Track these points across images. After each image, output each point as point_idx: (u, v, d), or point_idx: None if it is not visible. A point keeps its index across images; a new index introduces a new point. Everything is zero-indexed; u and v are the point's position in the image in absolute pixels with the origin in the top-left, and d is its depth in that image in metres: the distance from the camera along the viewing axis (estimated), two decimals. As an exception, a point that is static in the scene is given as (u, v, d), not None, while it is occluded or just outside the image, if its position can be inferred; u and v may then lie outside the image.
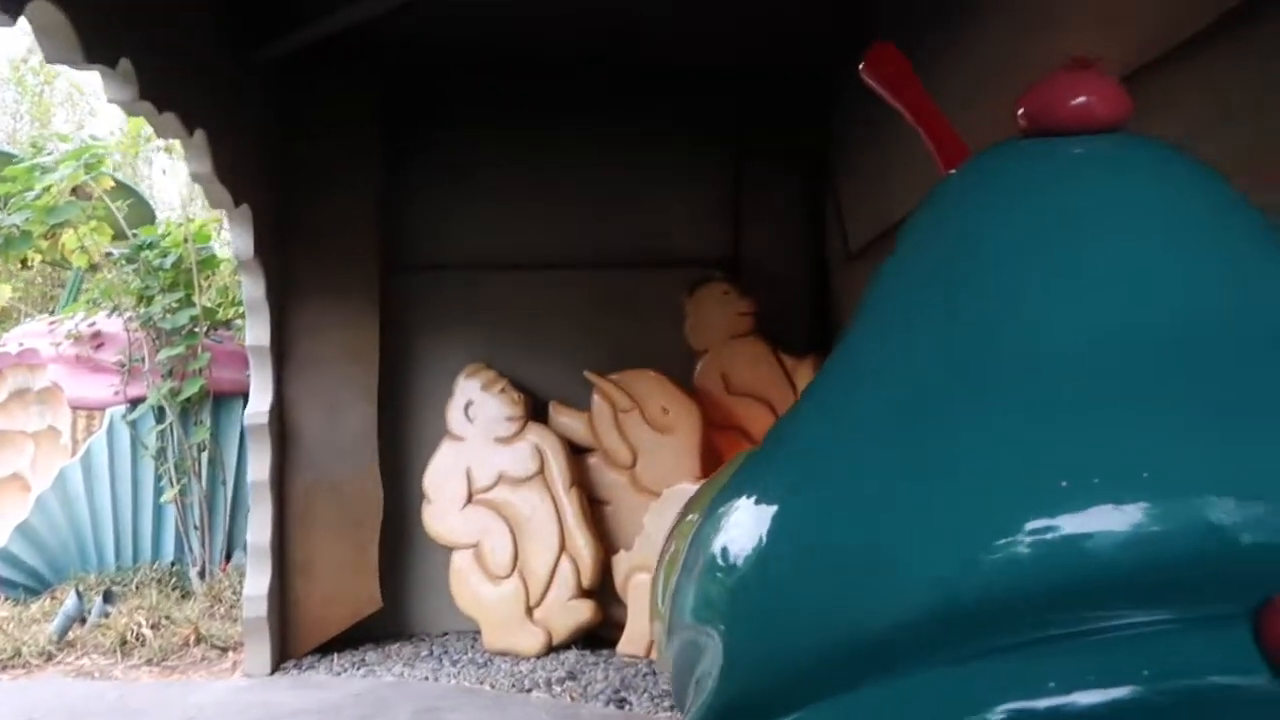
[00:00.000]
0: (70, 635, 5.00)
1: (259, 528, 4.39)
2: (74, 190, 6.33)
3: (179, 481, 6.33)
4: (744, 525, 0.66)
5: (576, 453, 4.68)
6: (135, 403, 6.58)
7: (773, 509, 0.64)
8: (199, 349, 6.26)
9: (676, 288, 5.32)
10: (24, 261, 6.46)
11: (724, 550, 0.67)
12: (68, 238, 6.22)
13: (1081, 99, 0.65)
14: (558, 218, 5.41)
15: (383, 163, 4.91)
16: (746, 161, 5.40)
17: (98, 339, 6.84)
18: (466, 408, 4.50)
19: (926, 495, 0.56)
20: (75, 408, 6.80)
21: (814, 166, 5.38)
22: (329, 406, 4.59)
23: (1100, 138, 0.66)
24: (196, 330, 6.25)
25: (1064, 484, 0.53)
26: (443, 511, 4.53)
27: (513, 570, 4.37)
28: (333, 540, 4.44)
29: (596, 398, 4.59)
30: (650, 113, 5.35)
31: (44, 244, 6.28)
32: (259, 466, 4.44)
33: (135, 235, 6.45)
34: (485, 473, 4.47)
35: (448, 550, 4.68)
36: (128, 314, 6.39)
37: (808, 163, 5.38)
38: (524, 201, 5.40)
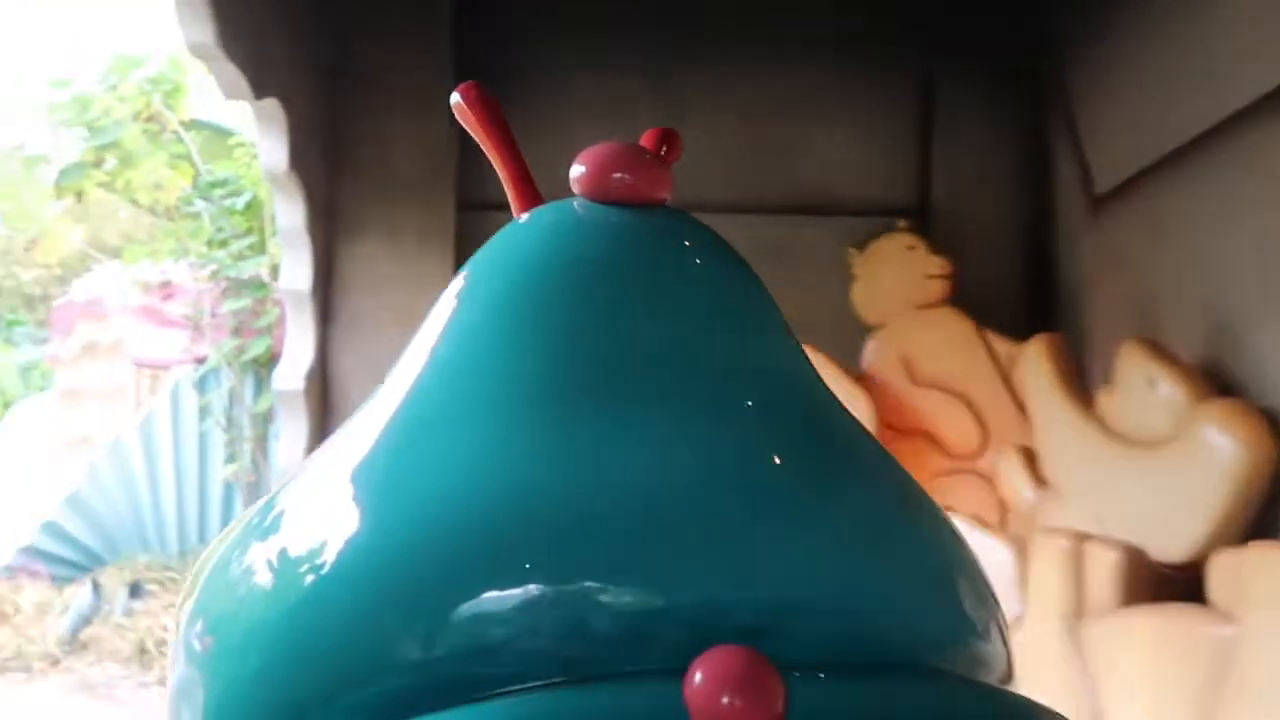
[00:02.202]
0: (84, 635, 4.20)
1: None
2: (146, 127, 5.62)
3: (242, 456, 5.57)
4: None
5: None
6: (203, 362, 5.86)
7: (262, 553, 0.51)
8: (269, 302, 5.46)
9: (841, 241, 3.94)
10: (79, 195, 5.78)
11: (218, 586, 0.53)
12: (134, 173, 5.53)
13: (621, 175, 0.57)
14: (686, 150, 4.00)
15: (462, 70, 3.74)
16: (939, 79, 4.05)
17: (167, 289, 6.14)
18: (559, 386, 3.41)
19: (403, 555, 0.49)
20: (140, 365, 6.15)
21: (1034, 85, 3.98)
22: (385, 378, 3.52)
23: (641, 211, 0.57)
24: (267, 281, 5.45)
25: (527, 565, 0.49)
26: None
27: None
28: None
29: (731, 381, 3.40)
30: (809, 15, 4.03)
31: (100, 174, 5.57)
32: (290, 448, 3.44)
33: (209, 171, 5.71)
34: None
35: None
36: (196, 261, 5.68)
37: (1024, 80, 3.99)
38: (643, 129, 3.99)
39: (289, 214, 3.47)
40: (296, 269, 3.63)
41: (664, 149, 0.69)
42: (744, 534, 0.54)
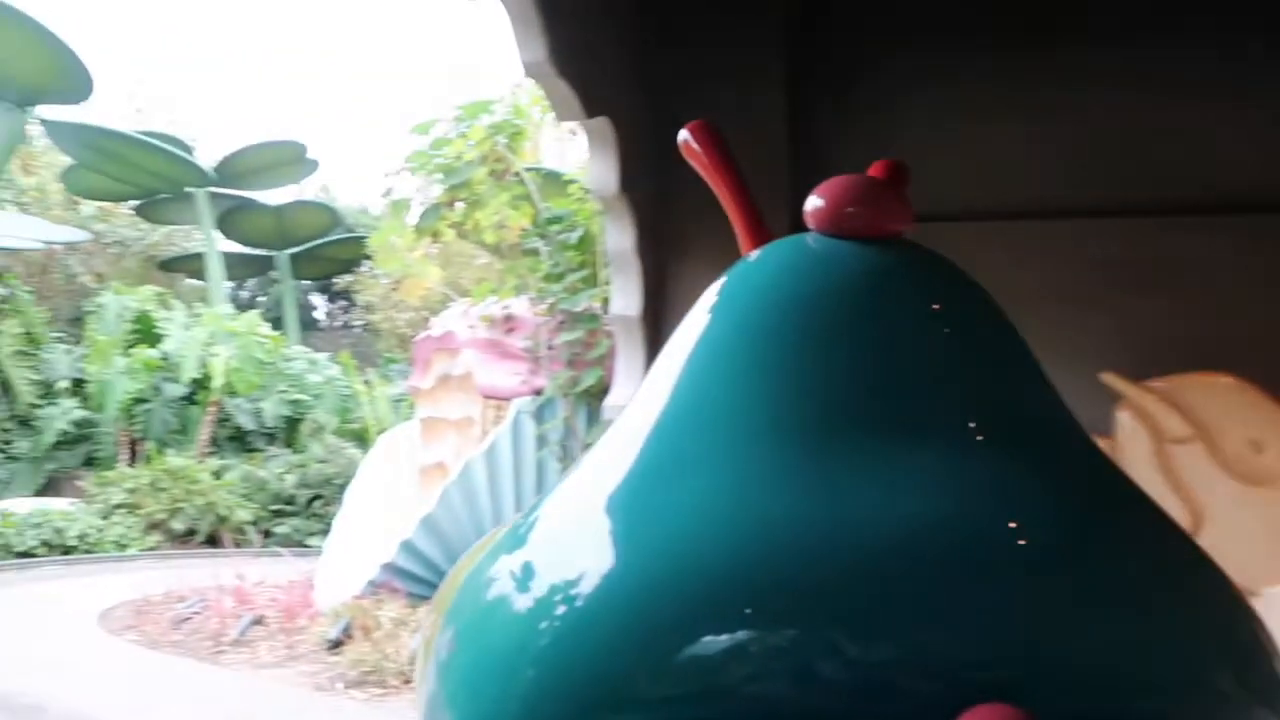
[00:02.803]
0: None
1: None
2: (493, 167, 5.94)
3: (576, 485, 5.61)
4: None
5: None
6: (541, 393, 6.06)
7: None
8: (600, 335, 5.52)
9: (1269, 245, 3.17)
10: (435, 235, 6.21)
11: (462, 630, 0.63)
12: (481, 214, 5.86)
13: (855, 209, 0.68)
14: (1057, 142, 3.46)
15: (795, 67, 3.44)
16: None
17: (510, 323, 6.43)
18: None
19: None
20: (485, 396, 6.47)
21: None
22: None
23: (876, 244, 0.67)
24: (599, 314, 5.51)
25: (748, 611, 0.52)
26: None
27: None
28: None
29: (1125, 416, 2.81)
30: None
31: (453, 215, 5.94)
32: (620, 481, 3.25)
33: (546, 209, 5.92)
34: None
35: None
36: (533, 296, 5.89)
37: None
38: (1004, 121, 3.50)
39: (619, 238, 3.34)
40: (626, 295, 3.48)
41: (895, 180, 0.68)
42: (998, 586, 0.53)
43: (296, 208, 18.42)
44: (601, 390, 5.45)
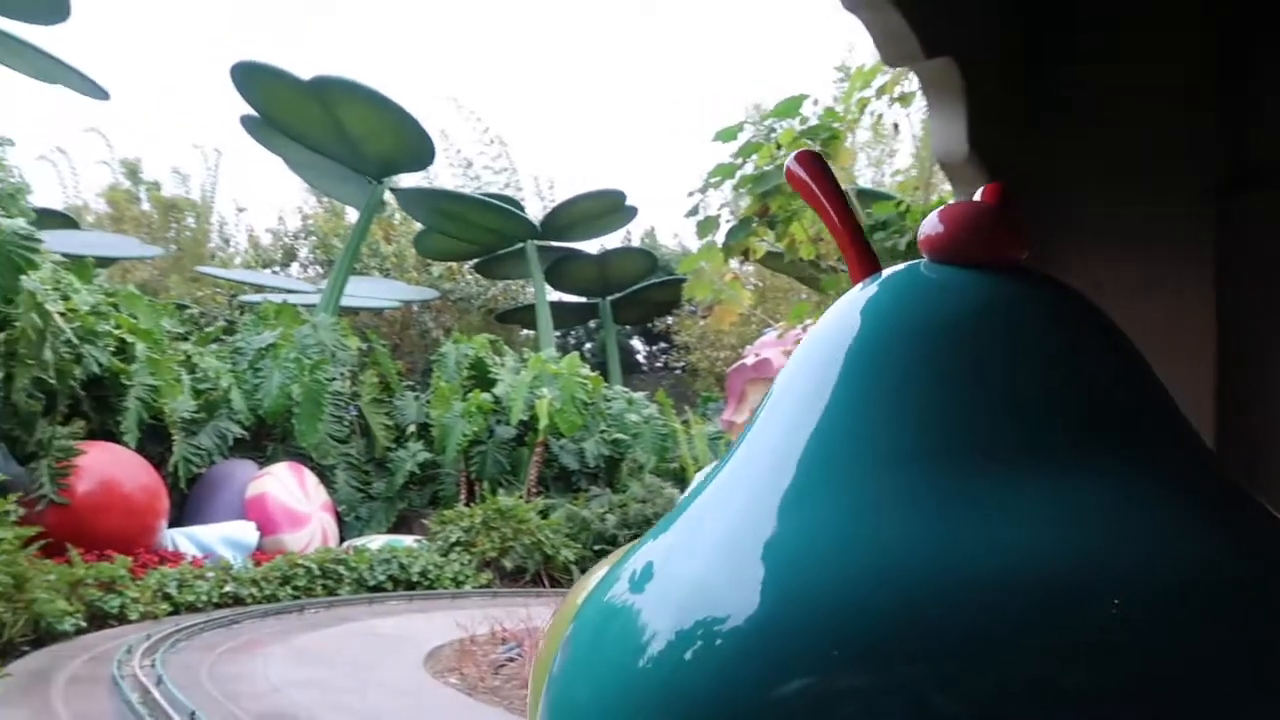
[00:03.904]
0: None
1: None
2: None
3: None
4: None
5: None
6: None
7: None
8: None
9: None
10: (745, 254, 5.71)
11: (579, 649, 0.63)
12: (796, 227, 5.33)
13: (967, 237, 0.66)
14: None
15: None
16: None
17: None
18: None
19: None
20: (804, 429, 5.82)
21: None
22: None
23: (990, 273, 0.66)
24: None
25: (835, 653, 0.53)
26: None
27: None
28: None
29: None
30: None
31: (763, 230, 5.41)
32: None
33: (868, 214, 5.27)
34: None
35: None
36: None
37: None
38: None
39: (968, 213, 2.56)
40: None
41: (1009, 204, 0.72)
42: (1119, 617, 0.52)
43: (617, 255, 18.99)
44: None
